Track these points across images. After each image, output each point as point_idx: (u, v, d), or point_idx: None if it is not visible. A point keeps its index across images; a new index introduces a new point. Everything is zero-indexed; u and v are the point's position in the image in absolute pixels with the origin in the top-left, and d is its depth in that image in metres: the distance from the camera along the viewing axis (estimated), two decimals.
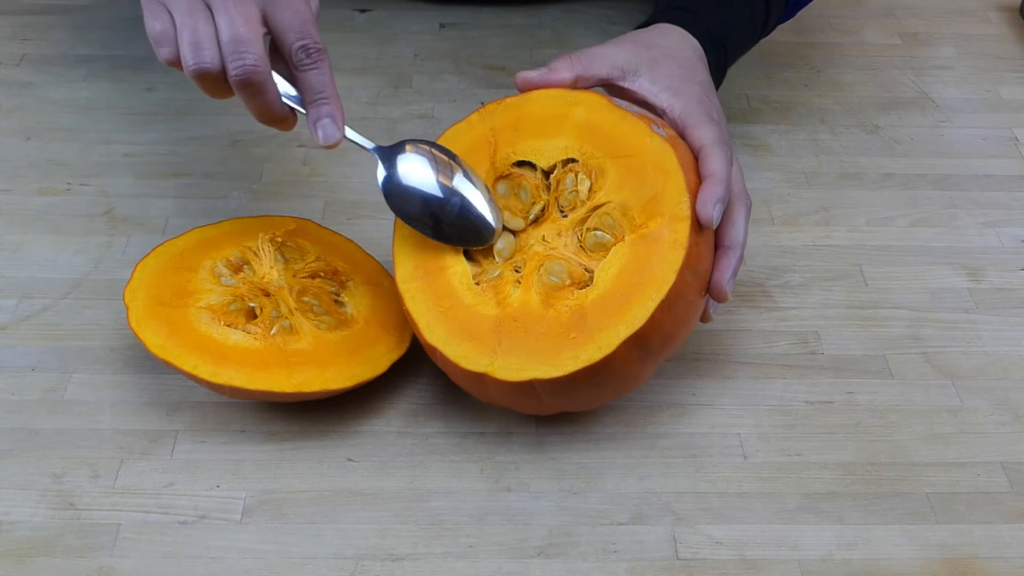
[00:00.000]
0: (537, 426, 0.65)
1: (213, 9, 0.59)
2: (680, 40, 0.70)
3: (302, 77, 0.61)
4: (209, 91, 0.60)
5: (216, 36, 0.58)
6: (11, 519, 0.59)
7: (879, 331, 0.72)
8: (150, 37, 0.60)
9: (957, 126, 0.92)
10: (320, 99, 0.61)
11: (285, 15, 0.60)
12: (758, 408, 0.67)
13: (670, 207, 0.59)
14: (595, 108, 0.63)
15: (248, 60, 0.58)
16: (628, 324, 0.57)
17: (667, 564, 0.58)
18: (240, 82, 0.58)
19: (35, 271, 0.74)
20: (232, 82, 0.59)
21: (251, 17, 0.59)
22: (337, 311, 0.67)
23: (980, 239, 0.80)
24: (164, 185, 0.82)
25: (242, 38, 0.58)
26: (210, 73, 0.58)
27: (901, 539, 0.60)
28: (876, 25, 1.05)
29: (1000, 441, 0.65)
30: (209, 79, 0.59)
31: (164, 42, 0.59)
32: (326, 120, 0.61)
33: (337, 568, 0.58)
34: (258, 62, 0.58)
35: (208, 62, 0.58)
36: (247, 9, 0.59)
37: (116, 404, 0.66)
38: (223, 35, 0.58)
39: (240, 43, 0.58)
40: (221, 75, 0.59)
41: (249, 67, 0.58)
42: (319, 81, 0.61)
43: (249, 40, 0.58)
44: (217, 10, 0.58)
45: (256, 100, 0.60)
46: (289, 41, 0.60)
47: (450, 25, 1.02)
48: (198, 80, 0.59)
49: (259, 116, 0.62)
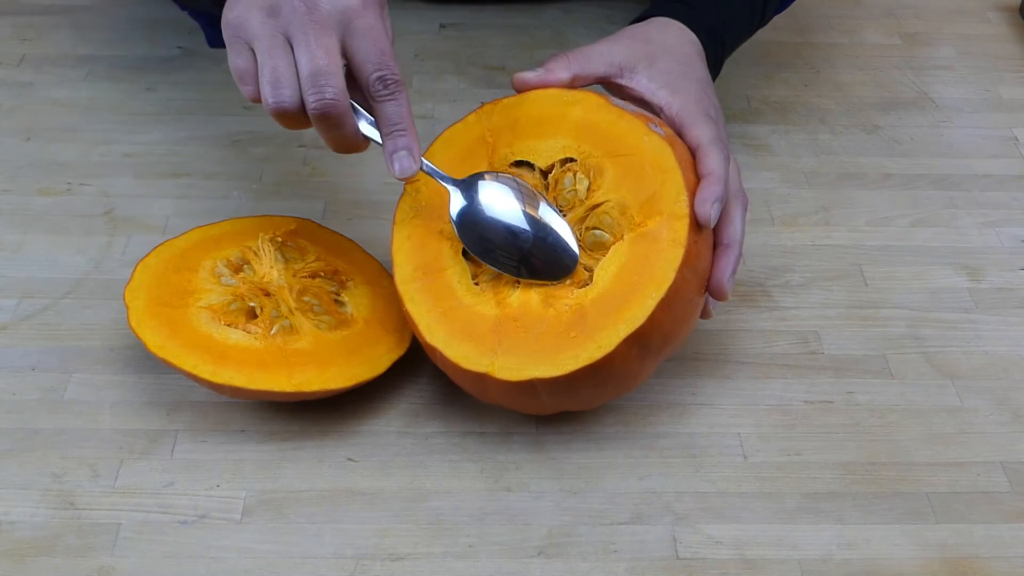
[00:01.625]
0: (537, 426, 0.65)
1: (294, 43, 0.58)
2: (678, 35, 0.70)
3: (379, 108, 0.60)
4: (288, 125, 0.60)
5: (296, 71, 0.58)
6: (11, 519, 0.59)
7: (879, 331, 0.72)
8: (233, 74, 0.60)
9: (957, 126, 0.92)
10: (397, 131, 0.60)
11: (363, 45, 0.59)
12: (758, 408, 0.67)
13: (668, 206, 0.59)
14: (592, 107, 0.63)
15: (328, 94, 0.58)
16: (628, 323, 0.57)
17: (667, 564, 0.58)
18: (319, 116, 0.58)
19: (35, 271, 0.74)
20: (312, 115, 0.58)
21: (331, 48, 0.58)
22: (337, 311, 0.67)
23: (980, 239, 0.80)
24: (164, 185, 0.82)
25: (321, 71, 0.57)
26: (289, 111, 0.58)
27: (901, 539, 0.60)
28: (876, 25, 1.05)
29: (1000, 441, 0.65)
30: (288, 116, 0.59)
31: (247, 80, 0.59)
32: (403, 153, 0.60)
33: (337, 568, 0.58)
34: (337, 95, 0.58)
35: (287, 100, 0.58)
36: (327, 40, 0.58)
37: (116, 404, 0.66)
38: (303, 69, 0.58)
39: (320, 76, 0.57)
40: (300, 112, 0.59)
41: (329, 101, 0.58)
42: (396, 113, 0.60)
43: (329, 73, 0.58)
44: (298, 43, 0.58)
45: (334, 132, 0.60)
46: (367, 72, 0.59)
47: (450, 25, 1.02)
48: (277, 117, 0.59)
49: (335, 146, 0.61)
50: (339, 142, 0.61)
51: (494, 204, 0.62)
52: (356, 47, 0.60)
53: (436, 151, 0.65)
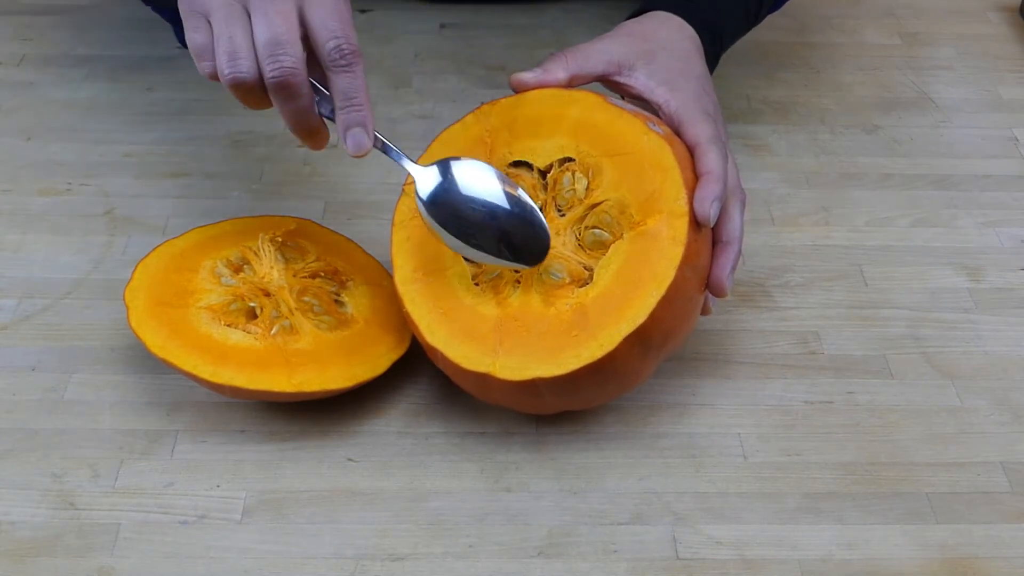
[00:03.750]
0: (537, 426, 0.65)
1: (251, 11, 0.57)
2: (677, 30, 0.70)
3: (334, 80, 0.58)
4: (246, 101, 0.58)
5: (252, 43, 0.57)
6: (11, 519, 0.59)
7: (879, 331, 0.72)
8: (191, 51, 0.58)
9: (957, 126, 0.92)
10: (351, 105, 0.58)
11: (320, 13, 0.57)
12: (758, 408, 0.67)
13: (668, 204, 0.59)
14: (591, 107, 0.63)
15: (286, 63, 0.56)
16: (629, 321, 0.57)
17: (667, 564, 0.58)
18: (276, 84, 0.56)
19: (35, 271, 0.74)
20: (268, 85, 0.57)
21: (289, 15, 0.57)
22: (337, 311, 0.67)
23: (980, 239, 0.80)
24: (164, 185, 0.82)
25: (279, 39, 0.56)
26: (246, 83, 0.57)
27: (901, 539, 0.60)
28: (876, 25, 1.05)
29: (1000, 441, 0.65)
30: (245, 88, 0.57)
31: (204, 55, 0.57)
32: (357, 129, 0.59)
33: (337, 568, 0.58)
34: (296, 64, 0.56)
35: (244, 71, 0.56)
36: (284, 7, 0.57)
37: (116, 404, 0.66)
38: (260, 38, 0.56)
39: (277, 45, 0.56)
40: (258, 84, 0.57)
41: (286, 68, 0.56)
42: (351, 86, 0.58)
43: (286, 41, 0.56)
44: (255, 11, 0.56)
45: (291, 105, 0.58)
46: (323, 40, 0.57)
47: (450, 25, 1.02)
48: (234, 90, 0.57)
49: (294, 124, 0.60)
50: (297, 118, 0.59)
51: (471, 183, 0.60)
52: (313, 14, 0.58)
53: (435, 152, 0.65)
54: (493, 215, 0.60)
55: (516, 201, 0.60)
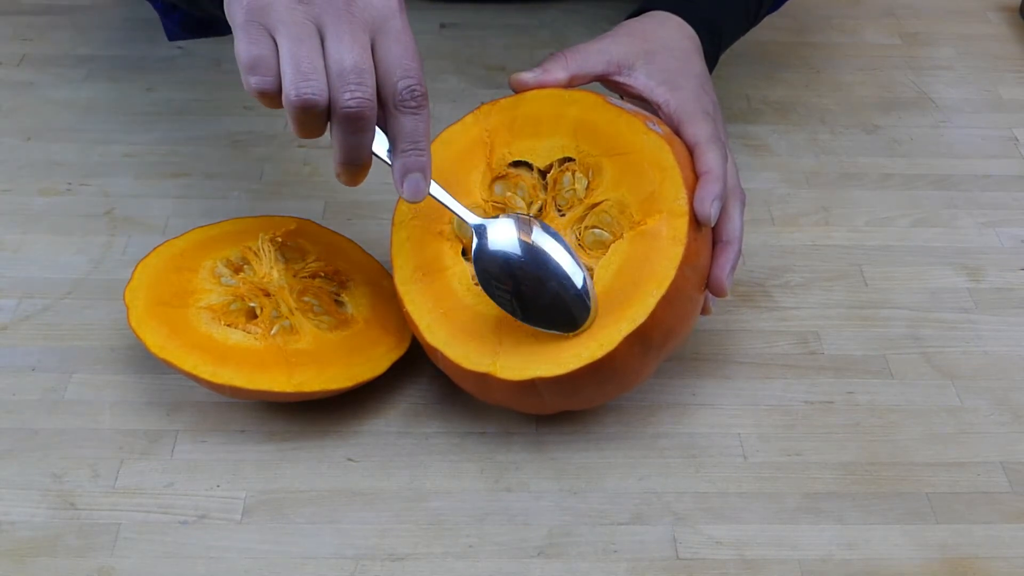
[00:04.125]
0: (537, 426, 0.65)
1: (327, 34, 0.53)
2: (676, 30, 0.70)
3: (399, 120, 0.55)
4: (302, 125, 0.54)
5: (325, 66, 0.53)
6: (11, 519, 0.59)
7: (879, 331, 0.72)
8: (242, 62, 0.53)
9: (957, 126, 0.92)
10: (414, 149, 0.55)
11: (396, 49, 0.54)
12: (758, 408, 0.67)
13: (668, 203, 0.59)
14: (590, 106, 0.63)
15: (365, 93, 0.52)
16: (629, 321, 0.57)
17: (667, 564, 0.58)
18: (351, 115, 0.53)
19: (35, 271, 0.74)
20: (340, 114, 0.53)
21: (366, 45, 0.54)
22: (337, 311, 0.67)
23: (980, 239, 0.80)
24: (164, 185, 0.82)
25: (360, 68, 0.53)
26: (317, 106, 0.52)
27: (901, 539, 0.60)
28: (876, 25, 1.05)
29: (1000, 441, 0.65)
30: (314, 113, 0.53)
31: (261, 69, 0.53)
32: (417, 175, 0.56)
33: (337, 568, 0.58)
34: (373, 96, 0.53)
35: (317, 94, 0.52)
36: (363, 37, 0.54)
37: (116, 404, 0.66)
38: (338, 63, 0.53)
39: (357, 73, 0.52)
40: (325, 110, 0.53)
41: (365, 100, 0.52)
42: (417, 129, 0.55)
43: (365, 71, 0.53)
44: (332, 36, 0.53)
45: (356, 139, 0.54)
46: (395, 79, 0.54)
47: (450, 25, 1.02)
48: (300, 112, 0.53)
49: (348, 158, 0.55)
50: (355, 152, 0.55)
51: (498, 236, 0.59)
52: (387, 50, 0.55)
53: (434, 152, 0.65)
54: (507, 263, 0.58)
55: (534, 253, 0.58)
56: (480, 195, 0.64)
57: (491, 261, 0.59)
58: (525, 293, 0.58)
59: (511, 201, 0.63)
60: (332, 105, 0.53)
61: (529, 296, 0.58)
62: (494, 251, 0.59)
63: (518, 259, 0.58)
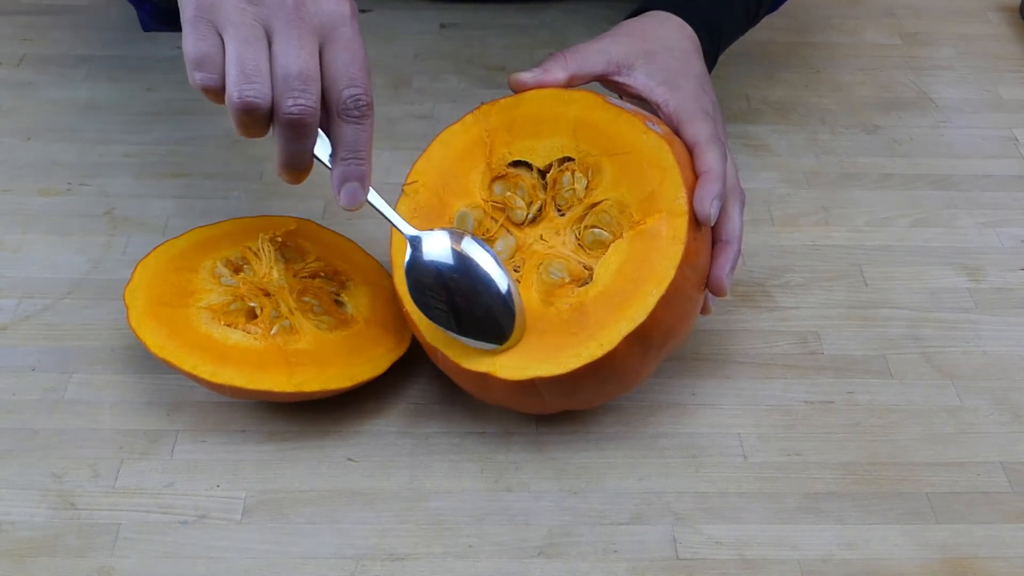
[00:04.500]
0: (537, 426, 0.65)
1: (274, 38, 0.53)
2: (676, 30, 0.70)
3: (342, 128, 0.55)
4: (244, 126, 0.54)
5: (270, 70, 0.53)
6: (11, 519, 0.59)
7: (879, 331, 0.72)
8: (188, 57, 0.53)
9: (957, 126, 0.92)
10: (354, 158, 0.56)
11: (344, 57, 0.54)
12: (758, 408, 0.67)
13: (667, 203, 0.59)
14: (590, 106, 0.63)
15: (308, 101, 0.53)
16: (629, 320, 0.57)
17: (667, 564, 0.58)
18: (292, 121, 0.53)
19: (35, 271, 0.74)
20: (282, 120, 0.53)
21: (313, 51, 0.53)
22: (337, 311, 0.67)
23: (980, 239, 0.80)
24: (164, 185, 0.82)
25: (306, 75, 0.52)
26: (259, 109, 0.53)
27: (901, 539, 0.60)
28: (876, 25, 1.05)
29: (1000, 441, 0.65)
30: (255, 115, 0.53)
31: (206, 66, 0.53)
32: (355, 184, 0.56)
33: (337, 568, 0.58)
34: (316, 104, 0.53)
35: (260, 97, 0.52)
36: (311, 43, 0.53)
37: (116, 404, 0.66)
38: (284, 68, 0.52)
39: (303, 80, 0.52)
40: (267, 114, 0.53)
41: (308, 108, 0.53)
42: (358, 139, 0.55)
43: (311, 78, 0.53)
44: (279, 40, 0.53)
45: (297, 144, 0.54)
46: (342, 85, 0.54)
47: (450, 25, 1.02)
48: (241, 113, 0.53)
49: (288, 161, 0.56)
50: (295, 157, 0.55)
51: (433, 247, 0.59)
52: (335, 57, 0.54)
53: (433, 152, 0.65)
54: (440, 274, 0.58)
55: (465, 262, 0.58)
56: (480, 195, 0.64)
57: (425, 272, 0.59)
58: (459, 305, 0.58)
59: (511, 201, 0.63)
60: (275, 109, 0.53)
61: (463, 307, 0.58)
62: (428, 261, 0.59)
63: (450, 269, 0.58)
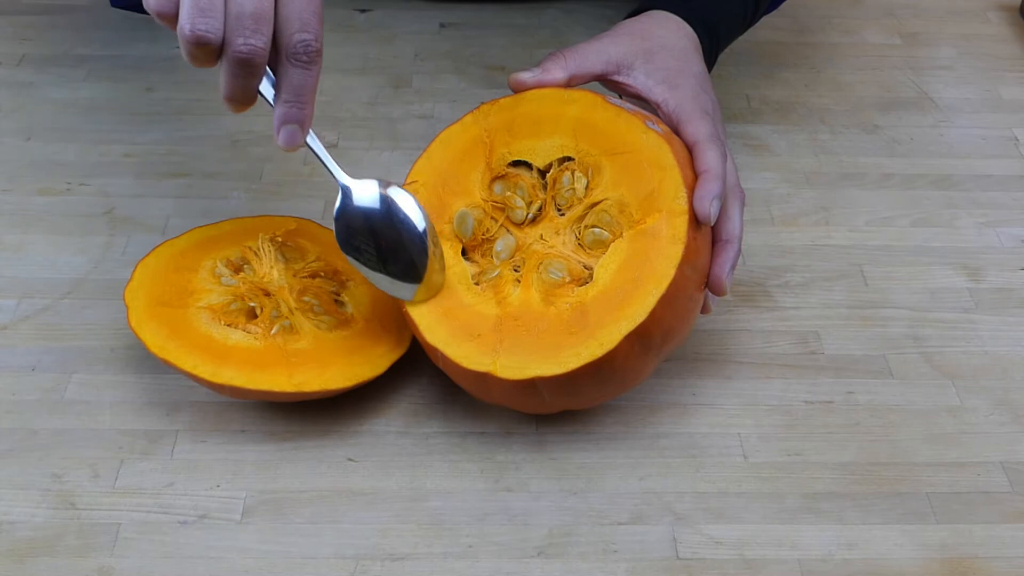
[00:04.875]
0: (537, 426, 0.65)
1: None
2: (675, 29, 0.70)
3: (288, 71, 0.56)
4: (193, 57, 0.54)
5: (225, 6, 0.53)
6: (11, 519, 0.59)
7: (879, 331, 0.72)
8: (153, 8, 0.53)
9: (957, 126, 0.92)
10: (296, 101, 0.56)
11: (298, 1, 0.55)
12: (758, 408, 0.67)
13: (667, 203, 0.59)
14: (589, 106, 0.63)
15: (258, 42, 0.53)
16: (629, 320, 0.57)
17: (667, 564, 0.58)
18: (241, 60, 0.54)
19: (35, 271, 0.74)
20: (231, 57, 0.54)
21: None
22: (337, 311, 0.67)
23: (980, 239, 0.80)
24: (164, 185, 0.82)
25: (260, 16, 0.53)
26: (210, 44, 0.53)
27: (901, 539, 0.60)
28: (876, 25, 1.05)
29: (1000, 441, 0.65)
30: (206, 50, 0.53)
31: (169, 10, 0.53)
32: (294, 126, 0.57)
33: (337, 568, 0.58)
34: (266, 45, 0.54)
35: (212, 32, 0.53)
36: None
37: (116, 404, 0.66)
38: (241, 6, 0.53)
39: (256, 19, 0.53)
40: (217, 49, 0.54)
41: (258, 49, 0.53)
42: (304, 83, 0.56)
43: (265, 19, 0.53)
44: None
45: (243, 81, 0.55)
46: (292, 30, 0.55)
47: (450, 25, 1.02)
48: (191, 46, 0.53)
49: (232, 95, 0.56)
50: (241, 93, 0.56)
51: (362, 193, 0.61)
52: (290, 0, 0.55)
53: (433, 152, 0.65)
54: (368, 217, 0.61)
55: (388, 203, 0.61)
56: (480, 195, 0.64)
57: (355, 216, 0.61)
58: (383, 247, 0.61)
59: (511, 201, 0.63)
60: (225, 45, 0.54)
61: (386, 249, 0.61)
62: (357, 206, 0.61)
63: (376, 212, 0.61)
